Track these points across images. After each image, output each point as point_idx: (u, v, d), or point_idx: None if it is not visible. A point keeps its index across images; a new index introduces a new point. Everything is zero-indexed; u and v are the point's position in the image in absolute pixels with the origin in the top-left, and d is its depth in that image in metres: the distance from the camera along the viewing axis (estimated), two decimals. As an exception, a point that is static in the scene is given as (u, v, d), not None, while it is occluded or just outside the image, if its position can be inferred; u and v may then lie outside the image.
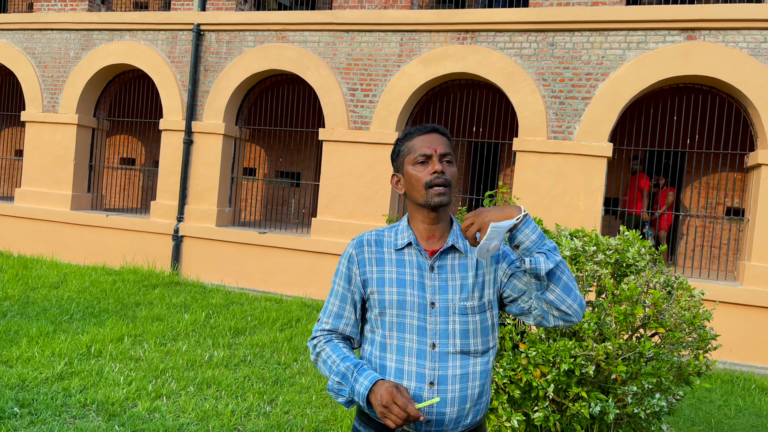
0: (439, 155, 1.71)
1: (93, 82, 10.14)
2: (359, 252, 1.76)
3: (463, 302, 1.70)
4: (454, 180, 1.72)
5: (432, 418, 1.67)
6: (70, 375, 4.68)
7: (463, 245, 1.75)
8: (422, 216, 1.75)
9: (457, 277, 1.71)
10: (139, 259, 9.67)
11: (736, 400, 5.54)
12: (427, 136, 1.74)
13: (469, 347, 1.70)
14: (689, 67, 7.24)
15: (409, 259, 1.73)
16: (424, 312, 1.69)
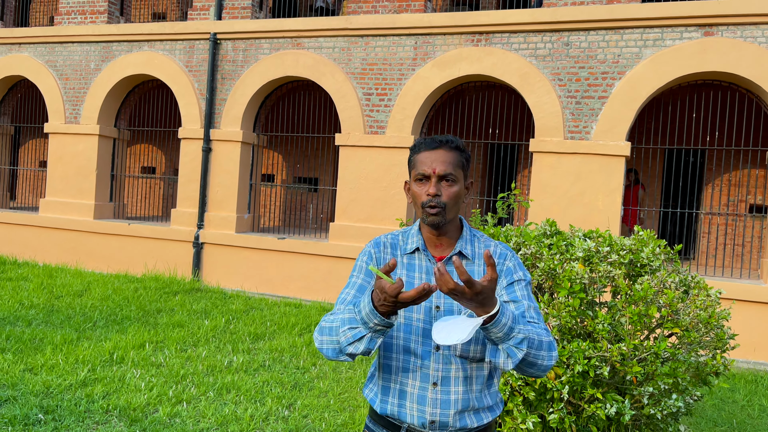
0: (438, 176, 1.70)
1: (113, 93, 10.32)
2: (377, 251, 1.81)
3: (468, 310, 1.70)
4: (453, 200, 1.71)
5: (436, 419, 1.70)
6: (93, 381, 4.77)
7: (471, 251, 1.77)
8: (427, 228, 1.79)
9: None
10: (161, 266, 9.81)
11: (760, 400, 5.45)
12: (431, 152, 1.73)
13: (468, 353, 1.72)
14: (707, 63, 7.15)
15: (418, 263, 1.77)
16: (429, 315, 1.72)
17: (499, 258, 1.77)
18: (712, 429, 4.68)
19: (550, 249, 3.45)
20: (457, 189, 1.73)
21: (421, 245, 1.77)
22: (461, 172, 1.75)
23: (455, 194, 1.72)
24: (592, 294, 3.22)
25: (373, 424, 1.80)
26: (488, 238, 1.85)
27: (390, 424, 1.76)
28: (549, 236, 3.63)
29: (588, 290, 3.21)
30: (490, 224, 4.17)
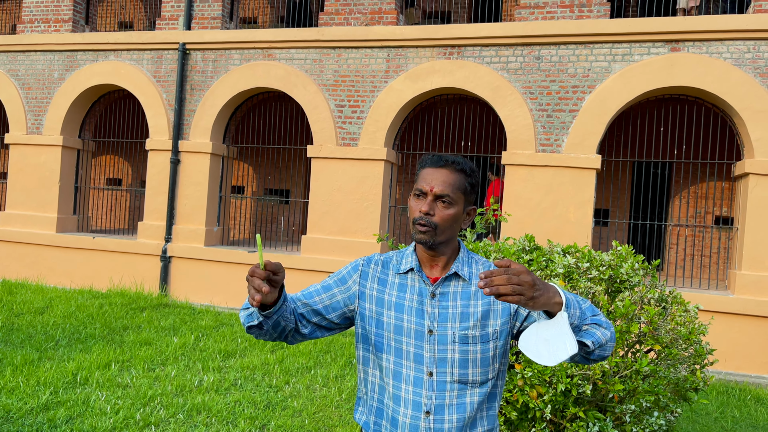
0: (435, 195, 1.66)
1: (77, 103, 10.05)
2: (365, 266, 1.77)
3: (463, 331, 1.65)
4: (446, 222, 1.65)
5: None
6: (56, 405, 4.56)
7: (468, 273, 1.70)
8: (421, 247, 1.74)
9: (458, 304, 1.67)
10: (127, 281, 9.54)
11: (733, 412, 5.50)
12: (435, 170, 1.68)
13: (467, 377, 1.66)
14: (674, 78, 7.28)
15: (411, 284, 1.72)
16: (421, 339, 1.66)
17: None
18: (688, 442, 4.70)
19: (530, 265, 3.42)
20: (453, 212, 1.66)
21: (415, 266, 1.72)
22: (461, 196, 1.68)
23: (450, 217, 1.66)
24: (573, 311, 3.19)
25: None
26: (486, 261, 1.79)
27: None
28: (528, 252, 3.60)
29: (569, 307, 3.17)
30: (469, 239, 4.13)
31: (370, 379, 1.74)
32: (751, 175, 7.04)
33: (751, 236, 7.01)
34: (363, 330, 1.75)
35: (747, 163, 7.06)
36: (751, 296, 6.94)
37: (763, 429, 5.11)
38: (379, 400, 1.73)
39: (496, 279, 1.35)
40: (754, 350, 6.90)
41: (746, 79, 7.05)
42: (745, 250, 7.03)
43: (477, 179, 1.71)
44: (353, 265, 1.78)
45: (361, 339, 1.76)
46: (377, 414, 1.73)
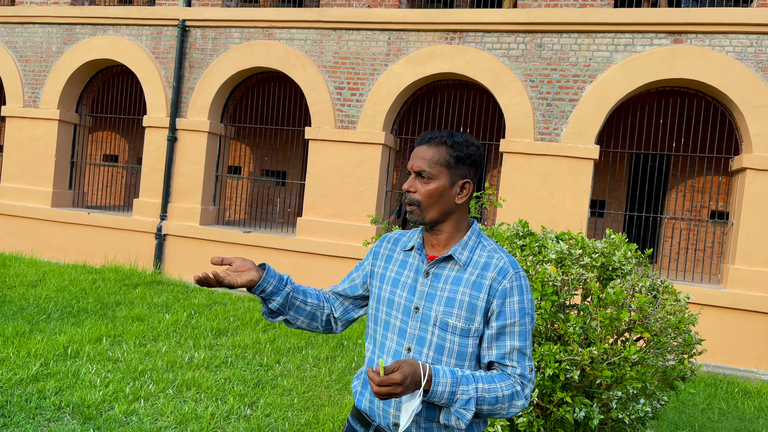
0: (415, 172, 1.68)
1: (75, 77, 9.98)
2: (378, 246, 1.86)
3: (446, 317, 1.64)
4: (429, 198, 1.64)
5: (399, 422, 1.67)
6: (46, 376, 4.57)
7: (466, 258, 1.66)
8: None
9: (447, 288, 1.65)
10: (121, 257, 9.53)
11: (720, 404, 5.54)
12: (418, 147, 1.70)
13: (440, 364, 1.64)
14: (676, 70, 7.25)
15: (411, 261, 1.75)
16: (407, 315, 1.69)
17: (498, 274, 1.63)
18: (674, 432, 4.73)
19: (523, 250, 3.42)
20: (434, 187, 1.64)
21: (417, 244, 1.75)
22: (442, 170, 1.65)
23: (430, 192, 1.64)
24: (564, 296, 3.20)
25: (351, 418, 1.82)
26: (499, 248, 1.72)
27: (363, 419, 1.76)
28: (521, 237, 3.59)
29: (560, 293, 3.18)
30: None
31: (367, 353, 1.83)
32: (748, 170, 7.04)
33: (746, 231, 7.02)
34: (369, 308, 1.83)
35: (745, 158, 7.05)
36: (743, 291, 6.97)
37: (750, 422, 5.15)
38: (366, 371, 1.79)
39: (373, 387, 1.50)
40: (744, 344, 6.94)
41: (748, 73, 7.02)
42: (739, 245, 7.05)
43: (466, 151, 1.66)
44: (372, 248, 1.89)
45: (368, 317, 1.84)
46: (363, 385, 1.80)
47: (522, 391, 1.61)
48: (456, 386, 1.55)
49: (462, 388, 1.55)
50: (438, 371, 1.55)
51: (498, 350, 1.63)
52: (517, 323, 1.62)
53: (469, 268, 1.66)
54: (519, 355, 1.62)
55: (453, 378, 1.55)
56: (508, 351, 1.62)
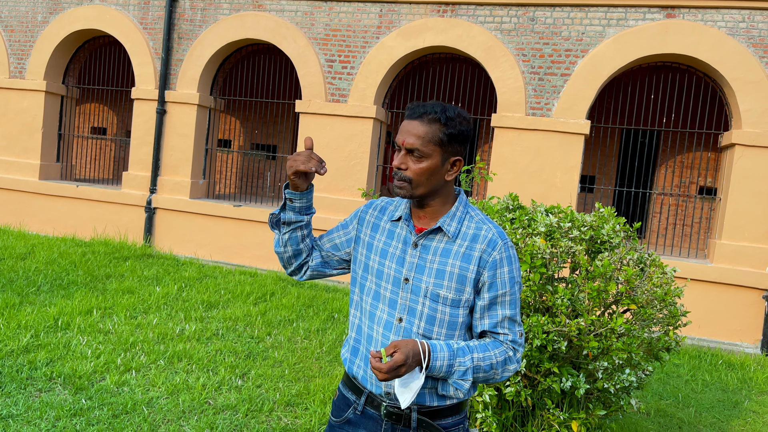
0: (406, 149, 1.64)
1: (61, 48, 9.82)
2: (364, 212, 1.84)
3: (437, 288, 1.66)
4: (421, 176, 1.64)
5: (392, 391, 1.68)
6: (37, 348, 4.58)
7: (454, 229, 1.68)
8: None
9: (436, 260, 1.67)
10: (111, 230, 9.49)
11: (703, 376, 5.65)
12: (409, 122, 1.64)
13: (431, 334, 1.67)
14: (668, 45, 7.23)
15: (399, 232, 1.74)
16: (397, 286, 1.69)
17: (488, 246, 1.66)
18: (658, 402, 4.83)
19: (513, 223, 3.44)
20: (426, 165, 1.62)
21: (405, 215, 1.73)
22: (435, 148, 1.63)
23: (422, 171, 1.62)
24: (553, 269, 3.23)
25: (343, 386, 1.82)
26: (486, 219, 1.73)
27: (355, 387, 1.77)
28: (511, 210, 3.61)
29: (548, 265, 3.21)
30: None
31: (353, 320, 1.82)
32: (737, 146, 7.08)
33: (733, 206, 7.09)
34: (354, 273, 1.83)
35: (734, 134, 7.09)
36: (729, 265, 7.06)
37: (732, 393, 5.26)
38: (356, 339, 1.79)
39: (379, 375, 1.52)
40: (729, 318, 7.05)
41: (739, 48, 7.02)
42: (726, 220, 7.12)
43: (459, 128, 1.63)
44: (356, 212, 1.86)
45: (352, 282, 1.84)
46: (353, 352, 1.80)
47: (514, 356, 1.67)
48: (453, 359, 1.59)
49: (459, 360, 1.59)
50: (435, 346, 1.58)
51: (491, 320, 1.67)
52: (508, 293, 1.66)
53: (458, 239, 1.67)
54: (510, 322, 1.68)
55: (450, 351, 1.59)
56: (500, 320, 1.67)
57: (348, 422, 1.76)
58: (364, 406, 1.73)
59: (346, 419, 1.77)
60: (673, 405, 4.82)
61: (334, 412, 1.81)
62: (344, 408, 1.78)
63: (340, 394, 1.82)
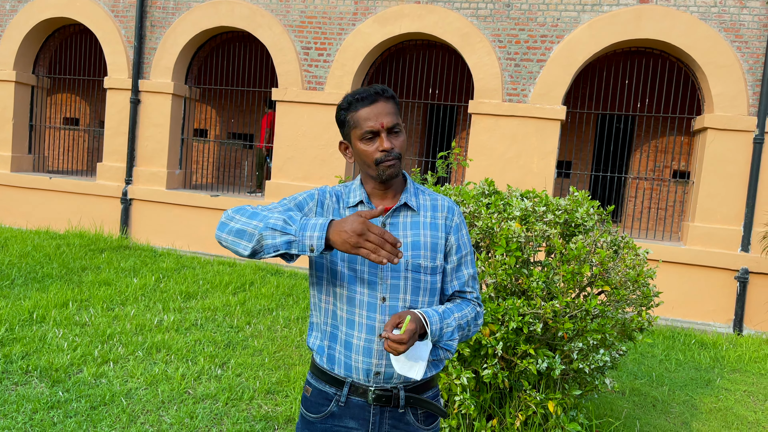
0: (387, 130, 1.67)
1: (31, 37, 9.61)
2: (322, 196, 1.76)
3: (415, 259, 1.70)
4: (403, 149, 1.71)
5: (381, 371, 1.68)
6: (12, 341, 4.52)
7: (416, 203, 1.75)
8: (374, 183, 1.76)
9: (409, 233, 1.72)
10: (86, 222, 9.37)
11: (677, 355, 5.77)
12: (373, 107, 1.67)
13: (417, 304, 1.71)
14: (641, 30, 7.30)
15: None
16: (375, 267, 1.69)
17: (449, 213, 1.79)
18: (633, 381, 4.93)
19: (488, 208, 3.47)
20: (403, 138, 1.72)
21: (365, 198, 1.74)
22: (401, 121, 1.74)
23: (403, 143, 1.71)
24: (528, 252, 3.27)
25: (317, 381, 1.76)
26: (433, 191, 1.83)
27: (333, 379, 1.72)
28: (487, 195, 3.64)
29: (524, 249, 3.25)
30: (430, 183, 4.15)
31: (323, 306, 1.76)
32: (709, 130, 7.19)
33: (706, 189, 7.21)
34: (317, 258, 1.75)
35: (706, 118, 7.20)
36: (701, 247, 7.19)
37: (705, 371, 5.39)
38: (333, 326, 1.74)
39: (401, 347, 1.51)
40: (702, 299, 7.20)
41: (711, 33, 7.11)
42: (699, 203, 7.24)
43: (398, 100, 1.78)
44: (308, 193, 1.77)
45: (315, 267, 1.76)
46: (331, 338, 1.75)
47: (481, 311, 1.81)
48: (442, 322, 1.67)
49: (446, 322, 1.68)
50: (428, 312, 1.65)
51: (459, 280, 1.79)
52: (469, 253, 1.81)
53: (421, 211, 1.76)
54: (473, 280, 1.81)
55: (438, 315, 1.67)
56: (466, 279, 1.80)
57: (332, 416, 1.72)
58: (347, 396, 1.70)
59: (328, 413, 1.72)
60: (647, 384, 4.92)
61: (311, 409, 1.75)
62: (324, 403, 1.73)
63: (315, 389, 1.76)
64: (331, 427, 1.72)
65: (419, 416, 1.74)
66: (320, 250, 1.46)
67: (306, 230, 1.48)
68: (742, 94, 7.06)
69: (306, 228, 1.48)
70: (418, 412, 1.74)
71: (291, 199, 1.76)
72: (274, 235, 1.49)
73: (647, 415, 4.28)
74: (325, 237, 1.46)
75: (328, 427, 1.72)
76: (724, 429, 4.17)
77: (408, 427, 1.73)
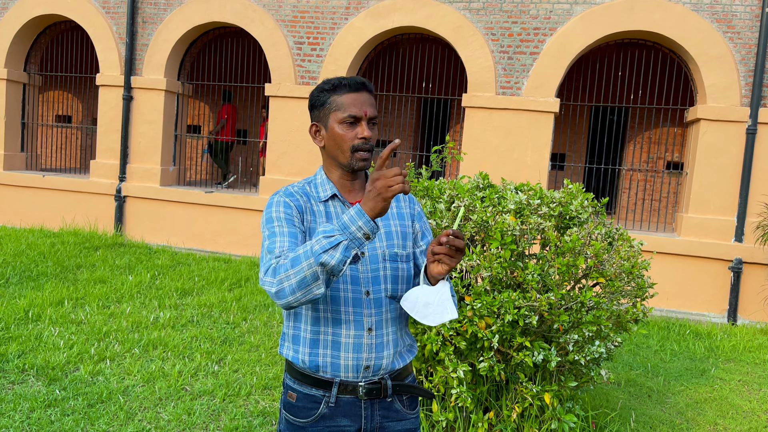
0: (368, 119, 1.68)
1: (21, 34, 9.54)
2: (293, 200, 1.67)
3: (391, 249, 1.73)
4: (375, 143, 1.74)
5: (371, 364, 1.69)
6: (7, 340, 4.51)
7: None
8: (341, 172, 1.73)
9: (380, 224, 1.73)
10: (80, 220, 9.34)
11: (672, 345, 5.81)
12: (358, 94, 1.68)
13: (397, 292, 1.74)
14: (634, 22, 7.30)
15: (334, 211, 1.71)
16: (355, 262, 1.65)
17: (410, 202, 1.85)
18: (628, 372, 4.95)
19: (483, 201, 3.47)
20: (377, 132, 1.77)
21: (337, 192, 1.72)
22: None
23: (376, 136, 1.73)
24: (523, 245, 3.28)
25: (299, 385, 1.70)
26: None
27: (319, 381, 1.68)
28: (482, 189, 3.64)
29: (519, 242, 3.26)
30: (425, 177, 4.15)
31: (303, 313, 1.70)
32: (702, 121, 7.21)
33: (699, 180, 7.24)
34: None
35: (699, 109, 7.22)
36: (695, 238, 7.22)
37: (700, 361, 5.42)
38: (314, 332, 1.69)
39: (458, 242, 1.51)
40: (696, 289, 7.24)
41: (703, 24, 7.12)
42: (693, 194, 7.27)
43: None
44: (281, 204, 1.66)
45: None
46: (312, 345, 1.69)
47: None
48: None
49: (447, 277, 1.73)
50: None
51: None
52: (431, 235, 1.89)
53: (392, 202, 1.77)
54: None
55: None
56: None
57: (323, 418, 1.69)
58: (337, 396, 1.68)
59: (319, 416, 1.69)
60: (642, 374, 4.95)
61: (298, 414, 1.70)
62: (312, 406, 1.69)
63: (300, 394, 1.70)
64: (323, 429, 1.69)
65: (405, 402, 1.78)
66: (374, 231, 1.44)
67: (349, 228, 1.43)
68: (735, 85, 7.08)
69: (347, 227, 1.43)
70: (404, 398, 1.77)
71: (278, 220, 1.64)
72: (332, 255, 1.43)
73: (643, 405, 4.31)
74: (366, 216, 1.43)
75: (320, 430, 1.69)
76: (720, 418, 4.20)
77: (397, 414, 1.76)
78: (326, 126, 1.70)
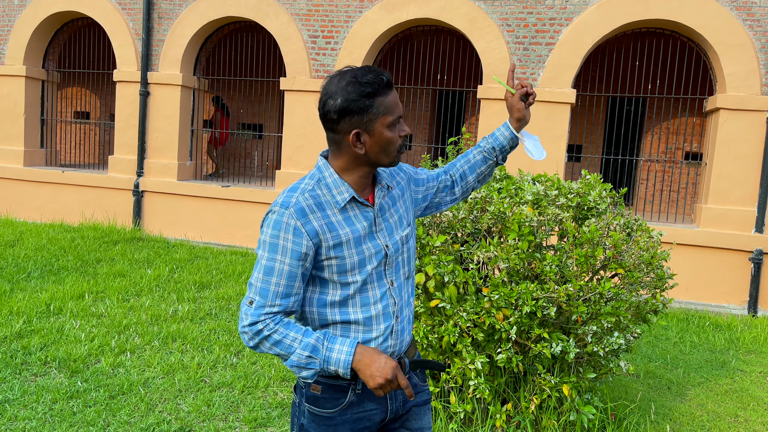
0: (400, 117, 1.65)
1: (40, 32, 9.64)
2: (305, 222, 1.55)
3: (405, 232, 1.75)
4: None
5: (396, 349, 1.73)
6: (30, 333, 4.58)
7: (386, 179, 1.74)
8: (365, 171, 1.65)
9: (392, 212, 1.73)
10: (99, 215, 9.44)
11: (691, 337, 5.76)
12: (393, 93, 1.60)
13: (410, 272, 1.79)
14: (651, 10, 7.21)
15: (353, 214, 1.63)
16: (379, 258, 1.66)
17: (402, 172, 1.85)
18: (647, 364, 4.92)
19: (500, 193, 3.46)
20: None
21: (354, 194, 1.62)
22: None
23: None
24: (541, 237, 3.26)
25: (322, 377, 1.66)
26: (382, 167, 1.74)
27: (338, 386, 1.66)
28: (499, 180, 3.63)
29: (536, 233, 3.24)
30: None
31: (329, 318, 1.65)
32: (721, 110, 7.11)
33: (718, 170, 7.15)
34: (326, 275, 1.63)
35: (719, 98, 7.11)
36: (715, 229, 7.14)
37: (720, 353, 5.37)
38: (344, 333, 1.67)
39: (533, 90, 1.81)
40: (716, 281, 7.16)
41: (722, 12, 7.01)
42: (712, 185, 7.18)
43: None
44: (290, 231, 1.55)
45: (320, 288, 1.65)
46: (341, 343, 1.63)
47: None
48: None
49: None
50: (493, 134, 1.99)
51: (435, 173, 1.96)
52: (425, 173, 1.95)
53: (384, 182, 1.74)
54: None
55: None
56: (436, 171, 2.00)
57: (350, 405, 1.68)
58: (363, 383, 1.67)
59: (347, 404, 1.67)
60: (661, 366, 4.91)
61: (325, 405, 1.67)
62: (339, 396, 1.67)
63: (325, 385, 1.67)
64: (351, 416, 1.68)
65: (419, 376, 1.85)
66: (347, 377, 1.60)
67: (329, 366, 1.56)
68: (755, 74, 6.96)
69: (329, 363, 1.56)
70: (417, 372, 1.84)
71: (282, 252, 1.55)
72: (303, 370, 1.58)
73: (662, 397, 4.28)
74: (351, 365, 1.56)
75: (348, 417, 1.68)
76: (740, 410, 4.16)
77: (415, 388, 1.82)
78: (371, 131, 1.56)
